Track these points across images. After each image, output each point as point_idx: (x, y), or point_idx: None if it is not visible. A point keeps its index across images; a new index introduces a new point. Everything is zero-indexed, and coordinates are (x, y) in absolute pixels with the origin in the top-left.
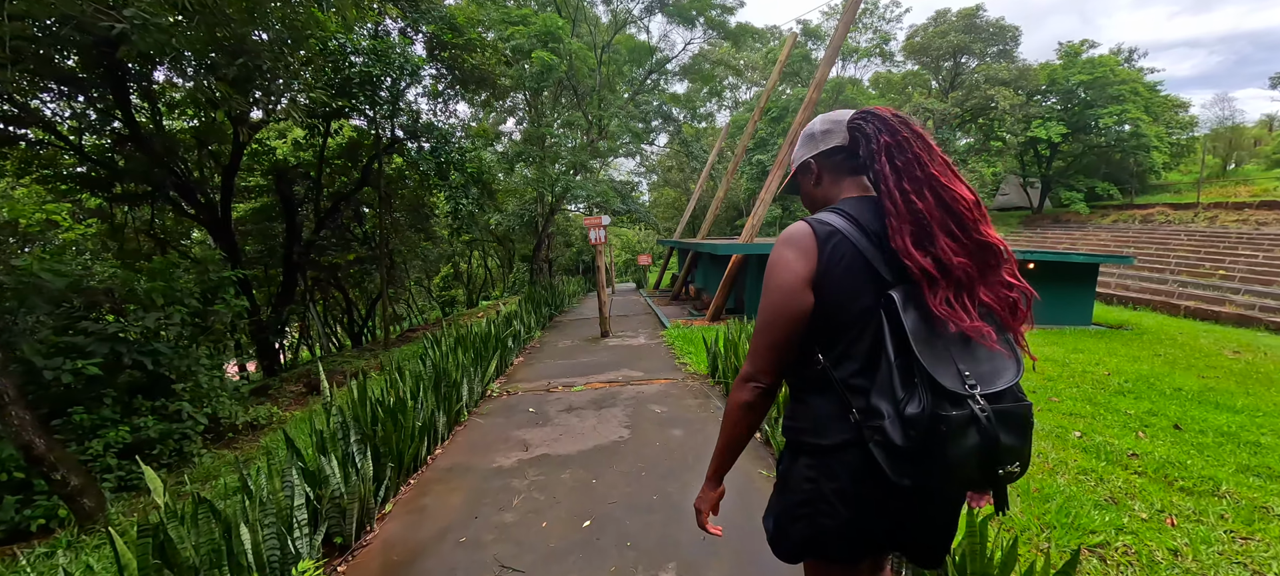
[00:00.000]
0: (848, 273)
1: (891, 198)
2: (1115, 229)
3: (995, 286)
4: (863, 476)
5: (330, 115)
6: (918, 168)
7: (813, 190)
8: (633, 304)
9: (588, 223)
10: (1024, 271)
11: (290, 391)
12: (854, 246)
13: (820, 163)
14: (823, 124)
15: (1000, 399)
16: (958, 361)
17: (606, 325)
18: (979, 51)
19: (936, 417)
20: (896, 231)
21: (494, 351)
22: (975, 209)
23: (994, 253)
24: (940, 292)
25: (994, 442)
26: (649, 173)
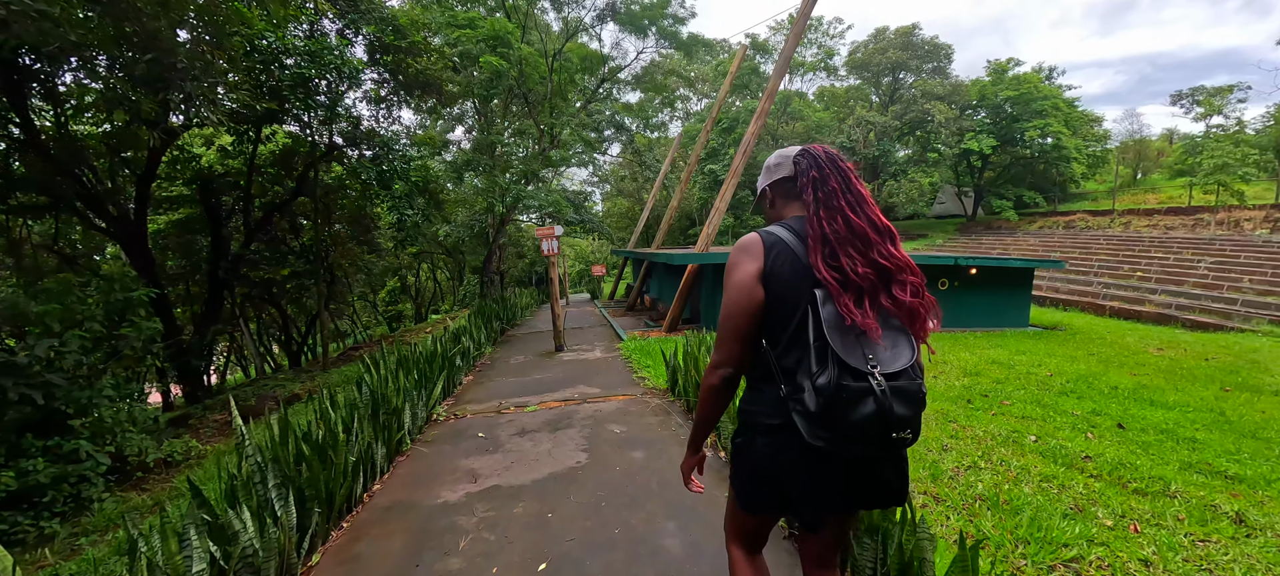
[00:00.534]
0: (787, 274)
1: (811, 222)
2: (1042, 234)
3: (898, 296)
4: (798, 447)
5: (260, 120)
6: (834, 198)
7: (768, 211)
8: (587, 315)
9: (539, 233)
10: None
11: (214, 421)
12: (793, 253)
13: (773, 190)
14: (776, 159)
15: (897, 377)
16: (865, 347)
17: (561, 339)
18: (915, 68)
19: (840, 387)
20: (812, 249)
21: (440, 372)
22: (879, 233)
23: (897, 269)
24: (844, 298)
25: (888, 411)
26: (602, 182)
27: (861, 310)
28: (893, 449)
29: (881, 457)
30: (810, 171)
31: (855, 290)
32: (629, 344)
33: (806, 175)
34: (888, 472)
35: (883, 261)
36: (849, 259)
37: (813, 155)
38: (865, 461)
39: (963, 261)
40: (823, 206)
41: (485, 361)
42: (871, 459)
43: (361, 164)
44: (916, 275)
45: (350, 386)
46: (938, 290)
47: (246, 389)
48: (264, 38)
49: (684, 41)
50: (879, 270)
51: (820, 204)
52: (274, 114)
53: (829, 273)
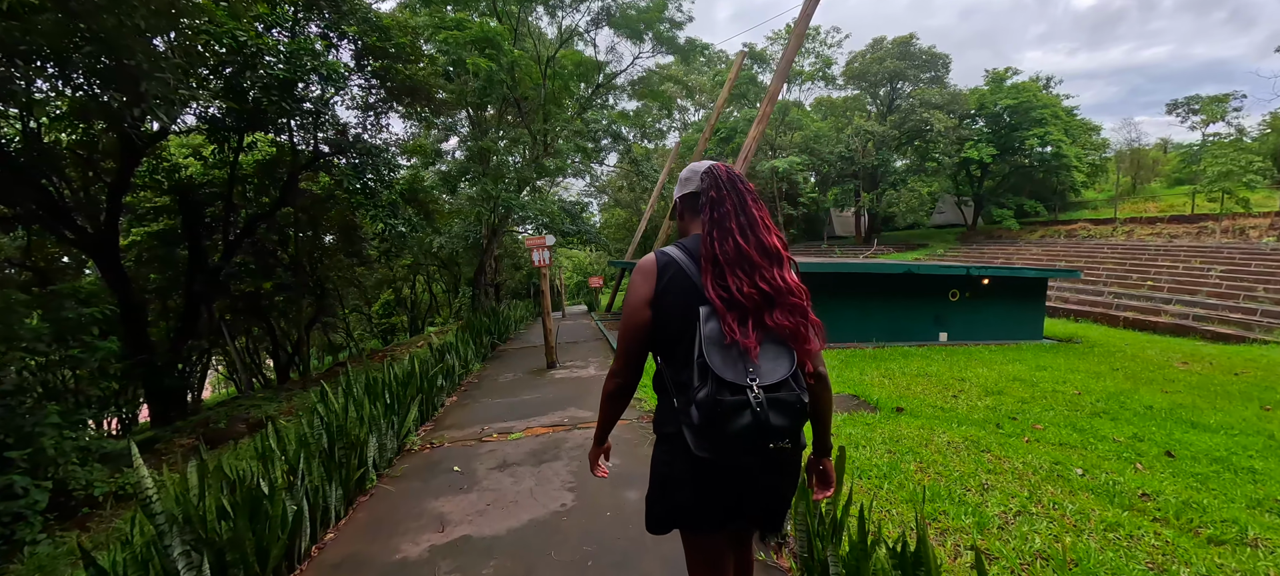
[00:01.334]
0: (677, 294)
1: (704, 242)
2: (1044, 243)
3: (779, 318)
4: (692, 459)
5: (242, 127)
6: (727, 220)
7: (679, 222)
8: (583, 329)
9: (530, 243)
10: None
11: (181, 446)
12: (685, 274)
13: (682, 203)
14: (688, 172)
15: (776, 389)
16: (744, 362)
17: (553, 355)
18: (913, 77)
19: (716, 401)
20: (703, 270)
21: (415, 396)
22: (766, 258)
23: (779, 293)
24: (729, 317)
25: (765, 422)
26: (599, 193)
27: (743, 329)
28: (774, 458)
29: (763, 469)
30: (709, 191)
31: (739, 310)
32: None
33: (705, 194)
34: (769, 487)
35: (765, 286)
36: (736, 279)
37: (714, 175)
38: (748, 473)
39: (975, 271)
40: (716, 227)
41: (473, 380)
42: (753, 470)
43: (344, 171)
44: (799, 297)
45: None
46: (948, 301)
47: (220, 409)
48: (238, 36)
49: (681, 46)
50: (762, 293)
51: (714, 224)
52: (257, 119)
53: (716, 292)
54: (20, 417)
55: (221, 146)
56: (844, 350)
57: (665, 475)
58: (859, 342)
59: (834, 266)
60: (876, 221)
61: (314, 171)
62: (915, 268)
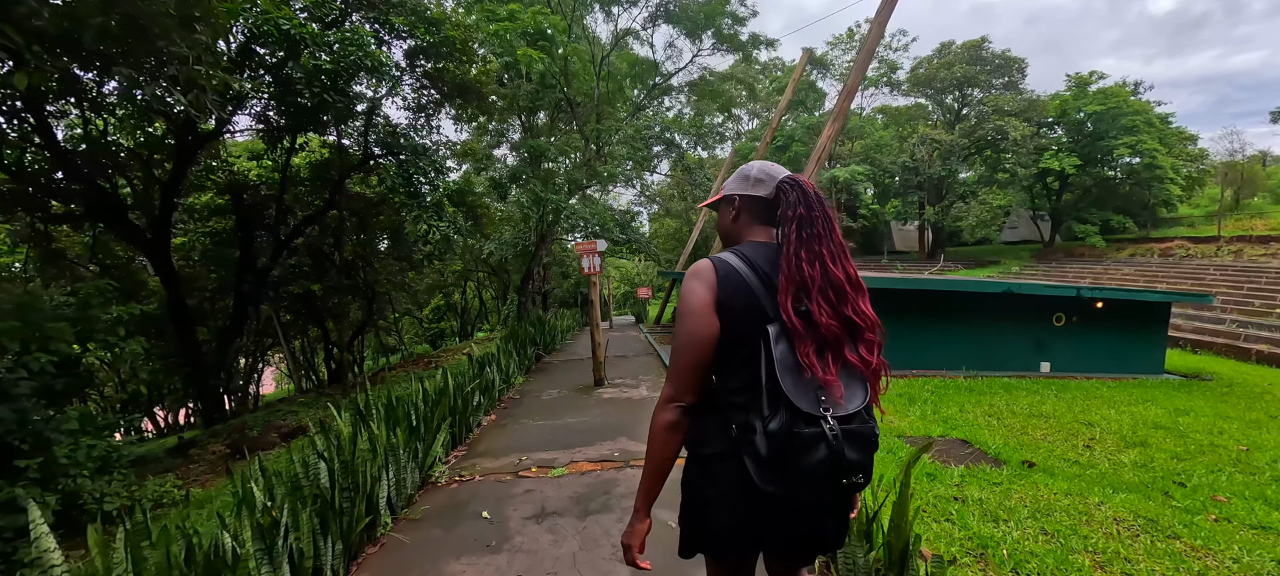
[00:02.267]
0: (740, 306)
1: (788, 260)
2: (1136, 263)
3: (864, 354)
4: (739, 483)
5: (294, 127)
6: (818, 243)
7: (729, 223)
8: (632, 342)
9: (580, 249)
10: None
11: (215, 452)
12: (747, 284)
13: (744, 203)
14: (759, 172)
15: (849, 421)
16: (818, 391)
17: (601, 371)
18: (985, 83)
19: (792, 433)
20: (784, 289)
21: (444, 418)
22: (854, 288)
23: (865, 326)
24: (805, 345)
25: (840, 456)
26: (649, 202)
27: (822, 361)
28: (844, 493)
29: (830, 505)
30: (798, 206)
31: (816, 338)
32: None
33: (793, 208)
34: (829, 519)
35: (853, 317)
36: (819, 308)
37: (803, 189)
38: (813, 509)
39: (1086, 293)
40: (805, 248)
41: (514, 395)
42: (819, 506)
43: (389, 170)
44: (879, 334)
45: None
46: (1052, 326)
47: (259, 414)
48: (282, 24)
49: (743, 43)
50: (847, 324)
51: (802, 244)
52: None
53: (793, 315)
54: (37, 421)
55: (274, 146)
56: (931, 379)
57: (700, 498)
58: (946, 370)
59: (916, 283)
60: (941, 236)
61: (365, 173)
62: (1016, 287)
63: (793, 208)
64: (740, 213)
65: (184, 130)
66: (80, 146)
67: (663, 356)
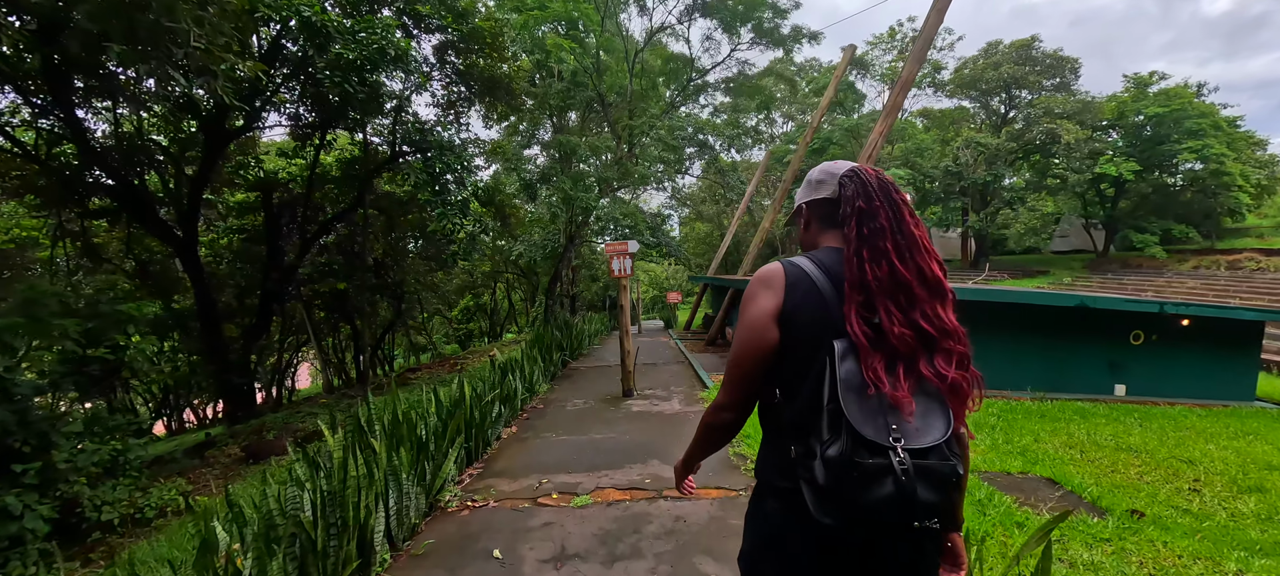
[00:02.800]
0: (809, 317)
1: (849, 262)
2: (1202, 276)
3: (941, 366)
4: (801, 517)
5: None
6: (881, 238)
7: (802, 233)
8: (662, 348)
9: (609, 250)
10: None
11: (230, 455)
12: (819, 293)
13: (810, 210)
14: (820, 174)
15: (925, 455)
16: (887, 415)
17: (630, 381)
18: (1034, 84)
19: (851, 463)
20: (848, 296)
21: (458, 434)
22: (928, 288)
23: (941, 335)
24: (873, 360)
25: (910, 495)
26: (680, 206)
27: (893, 377)
28: (916, 538)
29: (899, 550)
30: (856, 200)
31: (887, 352)
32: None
33: (852, 203)
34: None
35: (926, 325)
36: (888, 314)
37: (862, 180)
38: (878, 552)
39: (1170, 309)
40: (866, 245)
41: (537, 405)
42: (886, 550)
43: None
44: (963, 343)
45: None
46: (1129, 344)
47: (279, 415)
48: (302, 11)
49: (784, 37)
50: (921, 333)
51: (863, 242)
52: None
53: (860, 326)
54: (40, 421)
55: (303, 144)
56: (996, 400)
57: (769, 535)
58: (1010, 391)
59: (978, 294)
60: (985, 244)
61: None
62: (1090, 300)
63: (850, 202)
64: (810, 221)
65: (213, 126)
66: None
67: (696, 366)
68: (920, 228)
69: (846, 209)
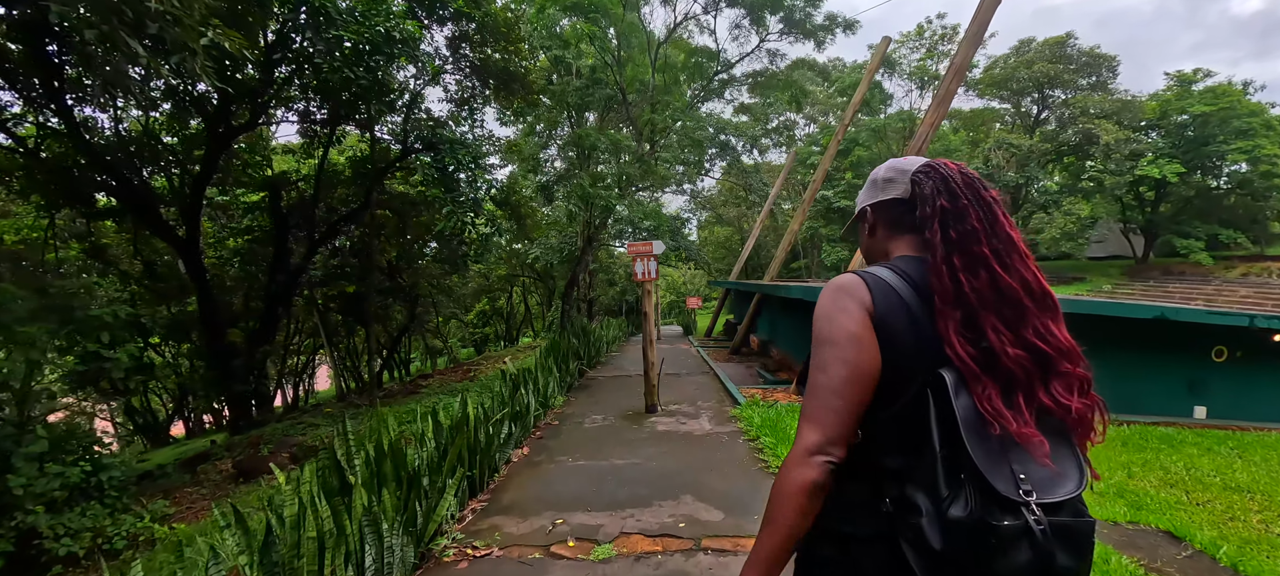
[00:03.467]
0: (902, 337)
1: (938, 273)
2: (1252, 283)
3: (1060, 394)
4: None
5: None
6: (974, 242)
7: (867, 240)
8: (683, 355)
9: (632, 250)
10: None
11: (222, 470)
12: (908, 309)
13: (877, 213)
14: (887, 171)
15: (1058, 511)
16: (1012, 461)
17: (654, 395)
18: (1068, 82)
19: (985, 526)
20: (942, 313)
21: (456, 465)
22: (1036, 300)
23: (1058, 355)
24: (984, 388)
25: (1049, 561)
26: (699, 209)
27: (1015, 412)
28: None
29: None
30: (938, 199)
31: (1003, 380)
32: (750, 413)
33: (932, 203)
34: None
35: (1039, 343)
36: (996, 333)
37: (942, 175)
38: None
39: (1260, 322)
40: (958, 251)
41: (551, 421)
42: None
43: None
44: (1082, 364)
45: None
46: (1211, 361)
47: (280, 426)
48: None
49: (817, 27)
50: (1036, 354)
51: (954, 247)
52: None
53: (963, 348)
54: None
55: (312, 141)
56: None
57: None
58: None
59: None
60: None
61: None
62: (1171, 311)
63: (931, 201)
64: (876, 226)
65: (216, 121)
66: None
67: (722, 376)
68: (1015, 229)
69: (926, 209)
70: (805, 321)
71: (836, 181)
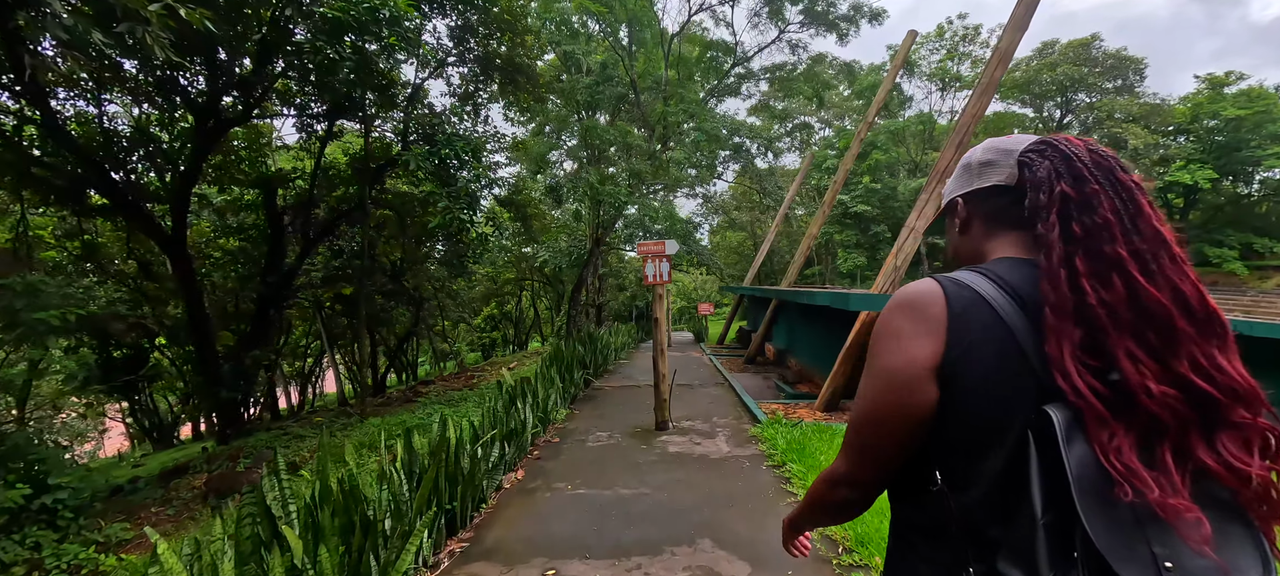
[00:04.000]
0: (990, 369)
1: (1053, 279)
2: None
3: (1229, 450)
4: None
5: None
6: (1105, 238)
7: (956, 238)
8: (694, 364)
9: (643, 250)
10: None
11: (193, 488)
12: (1005, 328)
13: (971, 204)
14: (986, 153)
15: None
16: (1152, 542)
17: (665, 411)
18: (1095, 86)
19: None
20: (1054, 330)
21: (428, 503)
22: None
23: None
24: (1112, 435)
25: None
26: (711, 213)
27: (1157, 470)
28: None
29: None
30: (1056, 182)
31: (1142, 425)
32: (773, 433)
33: (1049, 188)
34: None
35: (1199, 380)
36: (1133, 362)
37: (1065, 153)
38: None
39: None
40: (1081, 251)
41: (552, 438)
42: None
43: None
44: (1266, 410)
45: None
46: None
47: (263, 437)
48: None
49: (840, 18)
50: (1192, 394)
51: (1075, 245)
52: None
53: (1084, 379)
54: None
55: (308, 136)
56: None
57: None
58: None
59: None
60: None
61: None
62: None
63: (1046, 187)
64: (970, 220)
65: (205, 114)
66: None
67: (738, 389)
68: (1166, 225)
69: (1040, 196)
70: (827, 330)
71: (853, 185)
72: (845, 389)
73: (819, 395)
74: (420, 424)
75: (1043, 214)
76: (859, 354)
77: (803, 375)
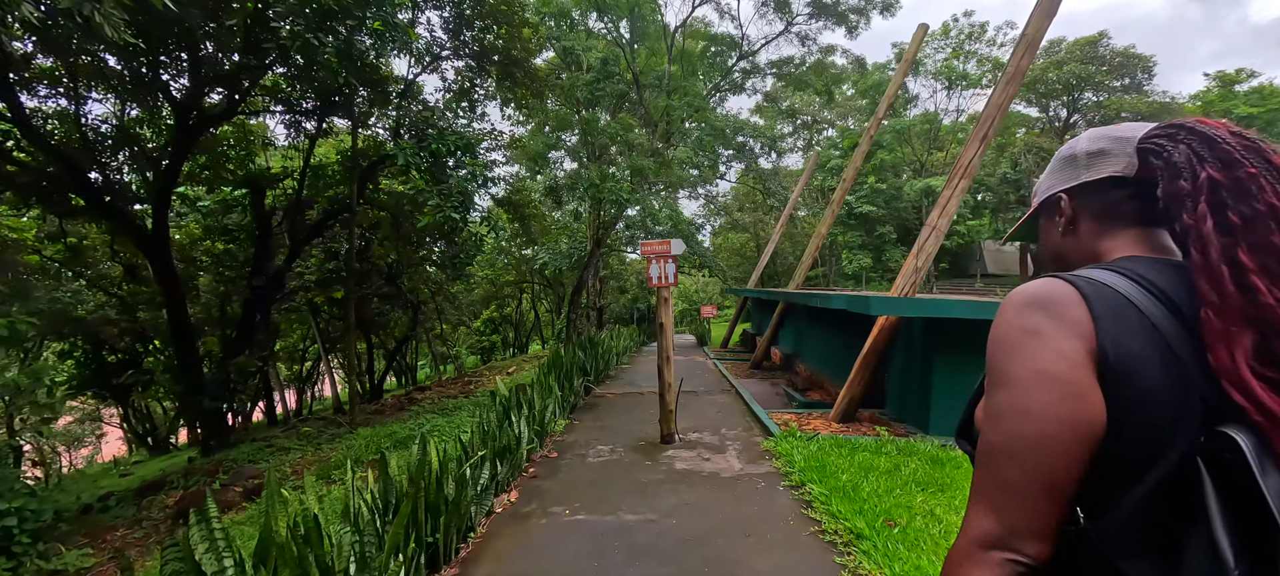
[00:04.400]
0: (1157, 375)
1: (1213, 277)
2: None
3: None
4: None
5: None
6: (1273, 229)
7: (1059, 241)
8: (699, 369)
9: (646, 251)
10: None
11: (165, 507)
12: (1156, 334)
13: (1079, 202)
14: (1092, 141)
15: None
16: None
17: (671, 423)
18: (1101, 84)
19: None
20: (1221, 335)
21: (404, 536)
22: None
23: None
24: None
25: None
26: (714, 214)
27: None
28: None
29: None
30: (1198, 168)
31: None
32: (788, 447)
33: (1192, 174)
34: None
35: None
36: None
37: (1206, 136)
38: None
39: None
40: (1247, 243)
41: (549, 452)
42: None
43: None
44: None
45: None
46: None
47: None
48: None
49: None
50: None
51: (1236, 238)
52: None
53: (1267, 391)
54: None
55: (296, 133)
56: None
57: None
58: None
59: None
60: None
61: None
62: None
63: (1189, 172)
64: (1077, 218)
65: (186, 109)
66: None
67: (746, 397)
68: None
69: (1180, 184)
70: (839, 334)
71: (858, 186)
72: (862, 398)
73: (834, 404)
74: (409, 436)
75: (1188, 203)
76: (877, 360)
77: (812, 381)
